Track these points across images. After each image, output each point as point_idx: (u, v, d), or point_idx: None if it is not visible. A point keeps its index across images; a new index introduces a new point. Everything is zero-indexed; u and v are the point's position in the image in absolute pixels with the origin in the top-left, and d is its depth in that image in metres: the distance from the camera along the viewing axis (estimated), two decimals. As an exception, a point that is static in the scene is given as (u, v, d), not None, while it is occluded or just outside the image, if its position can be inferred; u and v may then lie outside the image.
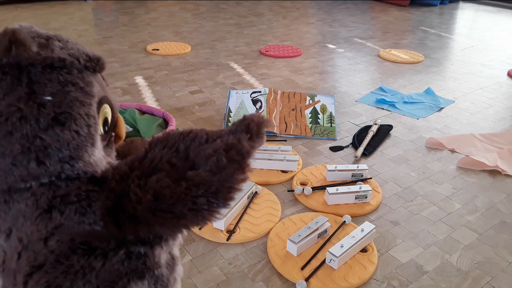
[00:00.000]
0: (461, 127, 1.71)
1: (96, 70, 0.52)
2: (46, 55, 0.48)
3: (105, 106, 0.53)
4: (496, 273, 1.00)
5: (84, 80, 0.49)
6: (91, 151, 0.49)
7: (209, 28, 3.03)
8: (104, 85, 0.54)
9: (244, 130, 0.48)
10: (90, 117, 0.49)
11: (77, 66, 0.49)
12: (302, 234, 1.03)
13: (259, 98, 1.73)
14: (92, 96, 0.49)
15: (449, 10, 3.85)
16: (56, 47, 0.50)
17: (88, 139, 0.49)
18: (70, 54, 0.50)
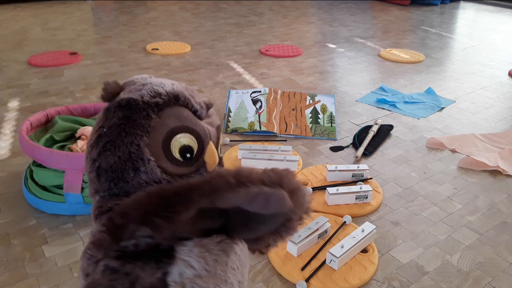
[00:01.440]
0: (462, 127, 1.71)
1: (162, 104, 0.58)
2: (120, 98, 0.59)
3: (181, 135, 0.58)
4: (497, 273, 0.99)
5: (139, 114, 0.57)
6: (134, 174, 0.56)
7: (209, 27, 3.03)
8: (184, 117, 0.59)
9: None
10: (133, 145, 0.56)
11: (137, 103, 0.57)
12: (302, 234, 1.02)
13: (259, 98, 1.73)
14: (141, 126, 0.56)
15: (450, 10, 3.85)
16: (135, 90, 0.59)
17: (128, 163, 0.56)
18: (140, 94, 0.59)
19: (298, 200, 0.53)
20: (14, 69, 2.14)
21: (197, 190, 0.51)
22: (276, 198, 0.50)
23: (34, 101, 1.79)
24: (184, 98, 0.61)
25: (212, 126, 0.64)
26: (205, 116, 0.64)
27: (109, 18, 3.21)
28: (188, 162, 0.59)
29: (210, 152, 0.61)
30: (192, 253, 0.52)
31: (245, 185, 0.51)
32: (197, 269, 0.52)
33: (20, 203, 1.17)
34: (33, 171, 1.17)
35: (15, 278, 0.94)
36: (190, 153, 0.59)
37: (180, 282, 0.51)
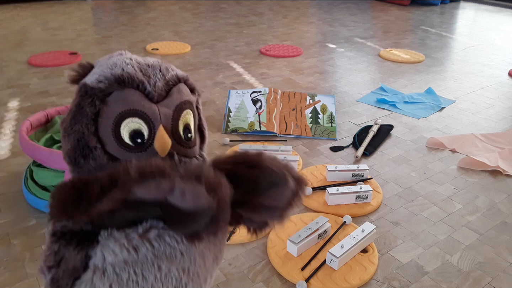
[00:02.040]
0: (462, 127, 1.71)
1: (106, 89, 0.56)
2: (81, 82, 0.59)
3: (130, 120, 0.56)
4: (497, 273, 0.99)
5: (86, 101, 0.56)
6: (84, 161, 0.57)
7: (209, 27, 3.03)
8: (131, 100, 0.57)
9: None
10: (79, 132, 0.56)
11: (86, 89, 0.57)
12: (302, 234, 1.02)
13: (259, 98, 1.73)
14: (86, 115, 0.56)
15: (450, 10, 3.85)
16: (93, 73, 0.59)
17: (77, 151, 0.57)
18: (92, 78, 0.57)
19: (219, 195, 0.50)
20: (14, 69, 2.14)
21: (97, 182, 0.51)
22: (191, 192, 0.48)
23: (34, 101, 1.79)
24: (131, 80, 0.57)
25: (169, 108, 0.60)
26: (161, 97, 0.59)
27: (109, 18, 3.21)
28: (140, 147, 0.57)
29: (159, 137, 0.57)
30: (115, 239, 0.53)
31: (151, 178, 0.49)
32: (120, 255, 0.53)
33: (20, 203, 1.17)
34: (33, 171, 1.17)
35: (15, 278, 0.94)
36: (140, 138, 0.57)
37: (101, 266, 0.53)
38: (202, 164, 0.52)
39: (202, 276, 0.60)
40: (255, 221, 0.62)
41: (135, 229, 0.54)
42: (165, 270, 0.55)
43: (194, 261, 0.58)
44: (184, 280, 0.57)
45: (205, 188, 0.49)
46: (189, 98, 0.63)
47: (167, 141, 0.57)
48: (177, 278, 0.56)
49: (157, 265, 0.54)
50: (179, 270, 0.56)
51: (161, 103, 0.59)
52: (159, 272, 0.54)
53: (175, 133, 0.59)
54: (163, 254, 0.54)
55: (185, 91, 0.63)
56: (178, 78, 0.62)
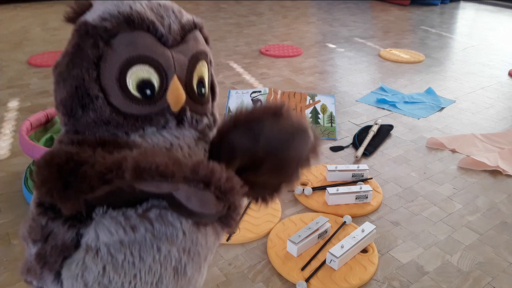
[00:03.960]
0: (462, 127, 1.71)
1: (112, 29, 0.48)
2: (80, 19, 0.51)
3: (139, 67, 0.49)
4: (497, 273, 0.99)
5: (86, 42, 0.49)
6: (82, 112, 0.50)
7: (209, 27, 3.03)
8: (142, 44, 0.49)
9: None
10: (78, 78, 0.49)
11: (87, 28, 0.49)
12: (302, 234, 1.02)
13: (259, 98, 1.73)
14: (87, 57, 0.48)
15: (450, 10, 3.85)
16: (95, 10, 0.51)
17: (74, 99, 0.49)
18: (94, 16, 0.50)
19: (231, 201, 0.45)
20: (14, 69, 2.14)
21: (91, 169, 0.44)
22: (198, 199, 0.44)
23: (34, 101, 1.79)
24: (141, 20, 0.49)
25: (185, 56, 0.52)
26: (176, 42, 0.52)
27: (109, 18, 3.21)
28: (149, 100, 0.50)
29: (173, 89, 0.51)
30: (111, 218, 0.48)
31: (150, 179, 0.43)
32: (116, 235, 0.48)
33: (20, 203, 1.17)
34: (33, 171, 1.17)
35: (15, 278, 0.94)
36: (150, 89, 0.50)
37: (94, 246, 0.48)
38: (213, 165, 0.45)
39: (203, 255, 0.57)
40: (270, 183, 0.58)
41: (134, 208, 0.49)
42: (164, 252, 0.51)
43: (196, 241, 0.54)
44: (184, 260, 0.53)
45: (215, 193, 0.44)
46: (205, 48, 0.56)
47: (181, 94, 0.51)
48: (177, 258, 0.52)
49: (156, 246, 0.50)
50: (179, 250, 0.52)
51: (175, 48, 0.52)
52: (158, 254, 0.50)
53: (188, 85, 0.53)
54: (163, 235, 0.50)
55: (201, 39, 0.56)
56: (194, 24, 0.55)
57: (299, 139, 0.55)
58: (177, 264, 0.53)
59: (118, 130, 0.51)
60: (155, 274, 0.51)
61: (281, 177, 0.58)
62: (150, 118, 0.51)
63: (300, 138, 0.55)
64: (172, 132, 0.53)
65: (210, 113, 0.58)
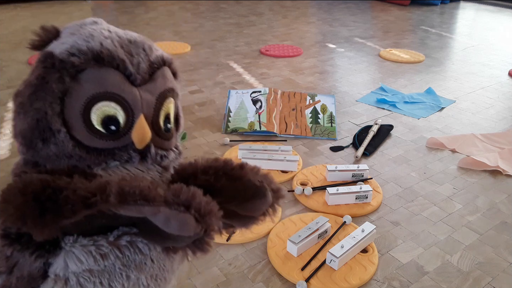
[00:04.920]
0: (462, 127, 1.71)
1: (79, 65, 0.48)
2: (45, 50, 0.50)
3: (104, 104, 0.48)
4: (497, 273, 0.99)
5: (52, 75, 0.48)
6: (42, 145, 0.49)
7: (209, 27, 3.03)
8: (109, 82, 0.48)
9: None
10: (40, 111, 0.48)
11: (53, 61, 0.48)
12: (302, 234, 1.02)
13: (259, 98, 1.73)
14: (52, 91, 0.47)
15: (450, 10, 3.85)
16: (60, 42, 0.50)
17: (35, 132, 0.49)
18: (61, 48, 0.49)
19: (208, 223, 0.46)
20: (14, 69, 2.14)
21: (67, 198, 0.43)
22: (178, 221, 0.44)
23: (34, 101, 1.79)
24: (111, 57, 0.49)
25: (152, 95, 0.52)
26: (144, 81, 0.52)
27: (109, 18, 3.21)
28: (113, 136, 0.50)
29: (139, 128, 0.50)
30: (81, 246, 0.47)
31: (133, 203, 0.43)
32: (85, 263, 0.47)
33: (20, 203, 1.17)
34: None
35: (15, 278, 0.93)
36: (115, 125, 0.49)
37: (63, 275, 0.47)
38: (194, 190, 0.46)
39: (168, 279, 0.57)
40: (224, 223, 0.58)
41: (105, 236, 0.48)
42: (133, 279, 0.51)
43: (163, 267, 0.54)
44: (152, 286, 0.53)
45: (194, 216, 0.44)
46: (173, 85, 0.56)
47: (147, 133, 0.51)
48: (145, 285, 0.52)
49: (125, 275, 0.50)
50: (147, 278, 0.52)
51: (143, 87, 0.51)
52: (127, 282, 0.50)
53: (155, 123, 0.53)
54: (132, 262, 0.50)
55: (169, 76, 0.56)
56: (163, 61, 0.55)
57: (255, 203, 0.56)
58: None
59: (80, 164, 0.50)
60: None
61: (233, 223, 0.59)
62: (113, 152, 0.51)
63: (256, 202, 0.56)
64: (135, 166, 0.53)
65: (175, 146, 0.58)
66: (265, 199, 0.56)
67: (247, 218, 0.58)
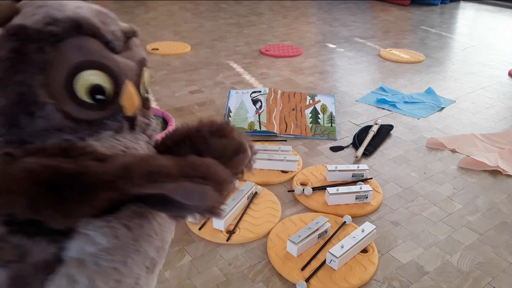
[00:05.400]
0: (462, 127, 1.71)
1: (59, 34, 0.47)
2: (10, 24, 0.47)
3: (89, 73, 0.47)
4: (497, 273, 0.99)
5: (30, 46, 0.46)
6: (28, 120, 0.47)
7: (209, 27, 3.03)
8: (90, 50, 0.48)
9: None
10: (24, 85, 0.46)
11: (28, 32, 0.46)
12: (302, 234, 1.02)
13: (259, 98, 1.73)
14: (33, 62, 0.46)
15: (450, 10, 3.85)
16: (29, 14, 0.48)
17: (19, 107, 0.46)
18: (33, 20, 0.47)
19: (225, 192, 0.49)
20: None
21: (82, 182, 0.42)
22: (198, 193, 0.45)
23: (34, 101, 1.79)
24: (89, 26, 0.48)
25: (133, 61, 0.53)
26: (122, 48, 0.52)
27: (109, 18, 3.21)
28: (101, 105, 0.49)
29: (128, 94, 0.51)
30: (96, 228, 0.47)
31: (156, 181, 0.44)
32: (102, 243, 0.47)
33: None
34: None
35: (15, 278, 0.94)
36: (101, 94, 0.49)
37: (79, 258, 0.47)
38: (208, 161, 0.48)
39: (166, 251, 0.60)
40: None
41: (114, 214, 0.48)
42: (143, 252, 0.52)
43: (164, 239, 0.57)
44: (155, 259, 0.55)
45: (212, 186, 0.46)
46: (145, 54, 0.57)
47: (137, 98, 0.52)
48: (151, 258, 0.54)
49: (134, 249, 0.51)
50: (152, 250, 0.54)
51: (122, 54, 0.52)
52: (138, 255, 0.51)
53: (138, 91, 0.53)
54: (139, 236, 0.51)
55: (141, 46, 0.57)
56: (132, 31, 0.55)
57: (239, 157, 0.60)
58: (150, 263, 0.54)
59: (72, 136, 0.49)
60: (134, 276, 0.52)
61: None
62: (103, 123, 0.50)
63: (240, 157, 0.60)
64: (125, 136, 0.54)
65: (152, 117, 0.60)
66: (246, 153, 0.61)
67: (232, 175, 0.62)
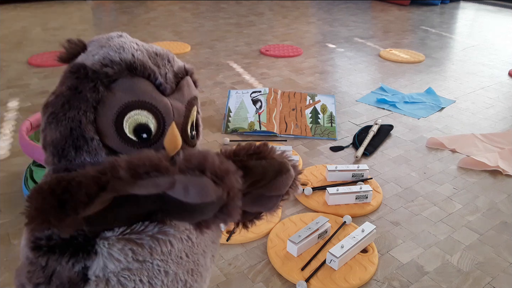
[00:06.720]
0: (462, 127, 1.71)
1: (113, 75, 0.50)
2: (74, 62, 0.51)
3: (136, 112, 0.50)
4: (497, 273, 0.99)
5: (85, 85, 0.49)
6: (75, 153, 0.49)
7: (209, 27, 3.03)
8: (141, 90, 0.51)
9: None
10: (75, 120, 0.49)
11: (86, 72, 0.49)
12: (302, 234, 1.02)
13: (259, 98, 1.73)
14: (86, 100, 0.49)
15: (450, 10, 3.85)
16: (92, 53, 0.52)
17: (68, 141, 0.49)
18: (93, 60, 0.50)
19: (228, 184, 0.44)
20: (14, 69, 2.14)
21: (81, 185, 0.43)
22: (196, 187, 0.43)
23: (34, 101, 1.79)
24: (143, 68, 0.51)
25: (182, 103, 0.54)
26: (172, 90, 0.54)
27: (109, 18, 3.21)
28: (145, 143, 0.51)
29: (171, 136, 0.52)
30: (114, 246, 0.47)
31: (146, 176, 0.43)
32: (123, 262, 0.48)
33: (20, 203, 1.17)
34: (33, 171, 1.17)
35: (15, 278, 0.94)
36: (147, 133, 0.51)
37: (103, 276, 0.48)
38: (204, 151, 0.45)
39: (204, 276, 0.59)
40: (250, 212, 0.60)
41: (138, 228, 0.49)
42: (172, 275, 0.52)
43: (197, 262, 0.56)
44: (189, 282, 0.55)
45: (212, 178, 0.43)
46: (196, 93, 0.59)
47: (179, 140, 0.52)
48: (183, 281, 0.54)
49: (163, 271, 0.51)
50: (184, 273, 0.54)
51: (171, 96, 0.54)
52: (166, 278, 0.51)
53: (184, 131, 0.55)
54: (168, 257, 0.51)
55: (192, 85, 0.59)
56: (186, 71, 0.58)
57: (281, 178, 0.57)
58: (183, 286, 0.54)
59: None
60: None
61: (262, 208, 0.60)
62: None
63: (283, 178, 0.57)
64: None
65: None
66: (289, 173, 0.58)
67: (274, 198, 0.59)
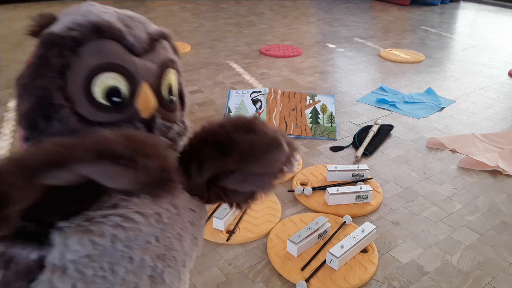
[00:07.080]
0: (462, 127, 1.71)
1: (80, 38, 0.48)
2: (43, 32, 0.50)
3: (106, 75, 0.48)
4: (497, 273, 0.99)
5: (52, 51, 0.48)
6: (46, 122, 0.48)
7: (209, 27, 3.03)
8: (110, 52, 0.48)
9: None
10: (42, 88, 0.47)
11: (53, 38, 0.48)
12: (302, 234, 1.02)
13: (259, 98, 1.73)
14: (52, 67, 0.47)
15: (450, 10, 3.85)
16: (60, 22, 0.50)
17: (38, 110, 0.47)
18: (60, 27, 0.49)
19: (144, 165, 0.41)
20: (14, 69, 2.14)
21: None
22: (103, 175, 0.40)
23: (34, 101, 1.79)
24: (111, 29, 0.49)
25: (154, 63, 0.52)
26: (144, 50, 0.52)
27: (109, 18, 3.21)
28: (117, 108, 0.49)
29: (143, 95, 0.50)
30: (70, 238, 0.46)
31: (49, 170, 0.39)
32: (82, 252, 0.46)
33: (20, 203, 1.17)
34: None
35: (15, 278, 0.94)
36: (118, 96, 0.49)
37: (60, 265, 0.46)
38: (105, 132, 0.41)
39: (180, 261, 0.55)
40: (242, 192, 0.58)
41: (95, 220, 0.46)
42: (137, 261, 0.49)
43: (170, 246, 0.52)
44: (160, 267, 0.51)
45: (121, 162, 0.40)
46: (174, 57, 0.57)
47: (151, 100, 0.50)
48: (152, 266, 0.50)
49: (128, 257, 0.48)
50: (153, 258, 0.50)
51: (144, 56, 0.52)
52: (130, 264, 0.48)
53: (158, 92, 0.53)
54: (133, 242, 0.48)
55: (169, 49, 0.57)
56: (162, 34, 0.56)
57: (272, 154, 0.54)
58: (153, 272, 0.51)
59: None
60: (130, 286, 0.49)
61: (254, 186, 0.58)
62: (119, 125, 0.49)
63: (274, 153, 0.54)
64: None
65: (180, 121, 0.57)
66: (281, 149, 0.55)
67: (266, 176, 0.57)
